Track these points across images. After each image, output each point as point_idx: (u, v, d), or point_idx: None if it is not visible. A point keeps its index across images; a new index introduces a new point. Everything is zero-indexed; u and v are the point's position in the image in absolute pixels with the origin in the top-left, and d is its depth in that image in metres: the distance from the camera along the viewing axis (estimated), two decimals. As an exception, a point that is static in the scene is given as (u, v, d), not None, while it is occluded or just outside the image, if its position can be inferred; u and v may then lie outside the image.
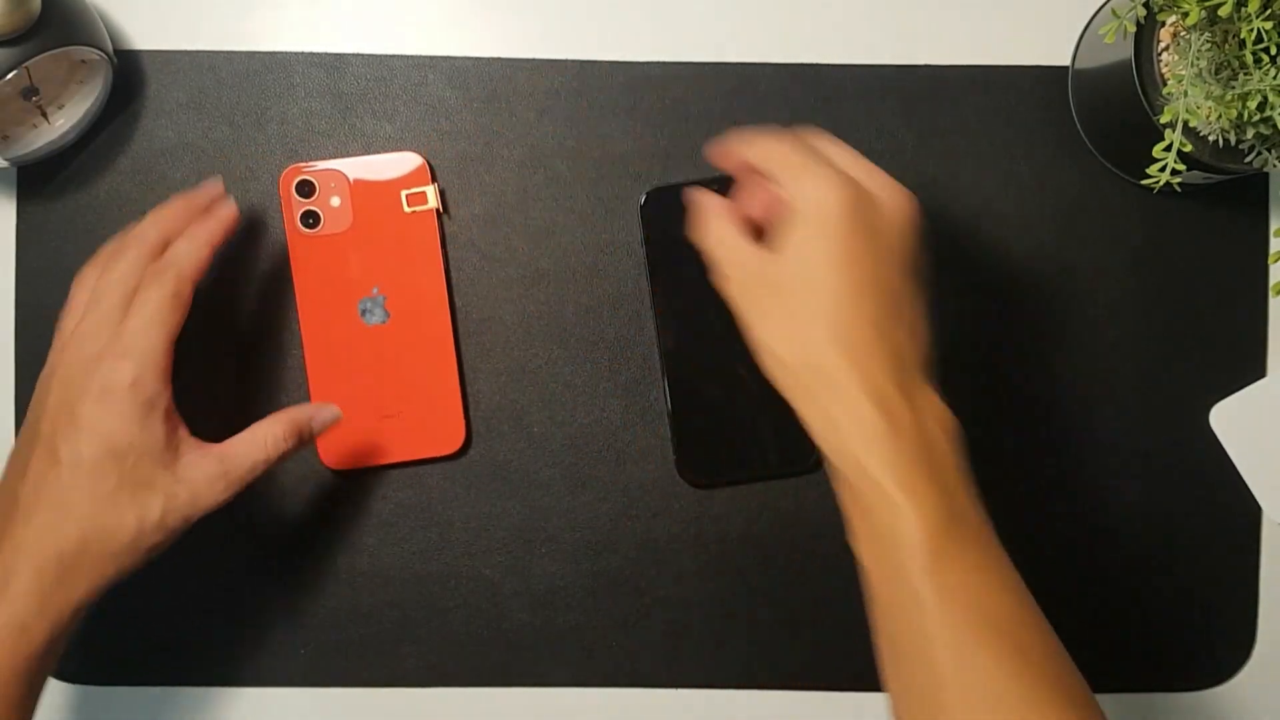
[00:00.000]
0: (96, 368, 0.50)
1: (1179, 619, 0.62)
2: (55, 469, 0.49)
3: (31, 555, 0.48)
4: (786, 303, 0.47)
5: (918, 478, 0.45)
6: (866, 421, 0.45)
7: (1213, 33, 0.51)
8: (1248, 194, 0.61)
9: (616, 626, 0.62)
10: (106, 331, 0.51)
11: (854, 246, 0.47)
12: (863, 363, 0.46)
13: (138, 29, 0.61)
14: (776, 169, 0.48)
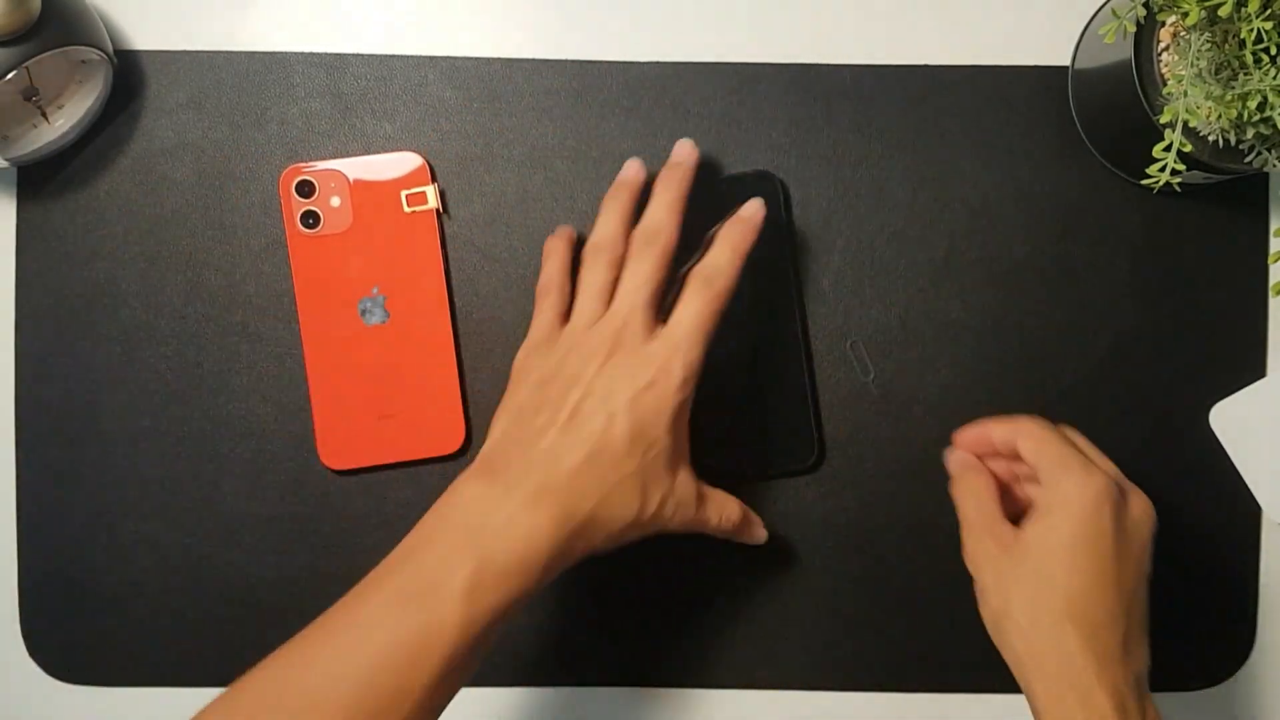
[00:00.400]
0: (648, 357, 0.52)
1: (1179, 619, 0.62)
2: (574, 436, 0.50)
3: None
4: (1035, 574, 0.50)
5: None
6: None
7: (1213, 33, 0.51)
8: (1248, 194, 0.61)
9: (615, 626, 0.62)
10: (638, 319, 0.52)
11: (1106, 541, 0.50)
12: (1104, 659, 0.48)
13: (138, 29, 0.61)
14: (1043, 460, 0.52)
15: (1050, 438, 0.52)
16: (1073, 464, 0.51)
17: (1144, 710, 0.49)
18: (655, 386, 0.51)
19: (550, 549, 0.48)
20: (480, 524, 0.48)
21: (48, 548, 0.62)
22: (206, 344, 0.61)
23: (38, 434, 0.61)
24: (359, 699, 0.45)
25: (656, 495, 0.51)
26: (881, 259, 0.61)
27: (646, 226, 0.55)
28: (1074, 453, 0.52)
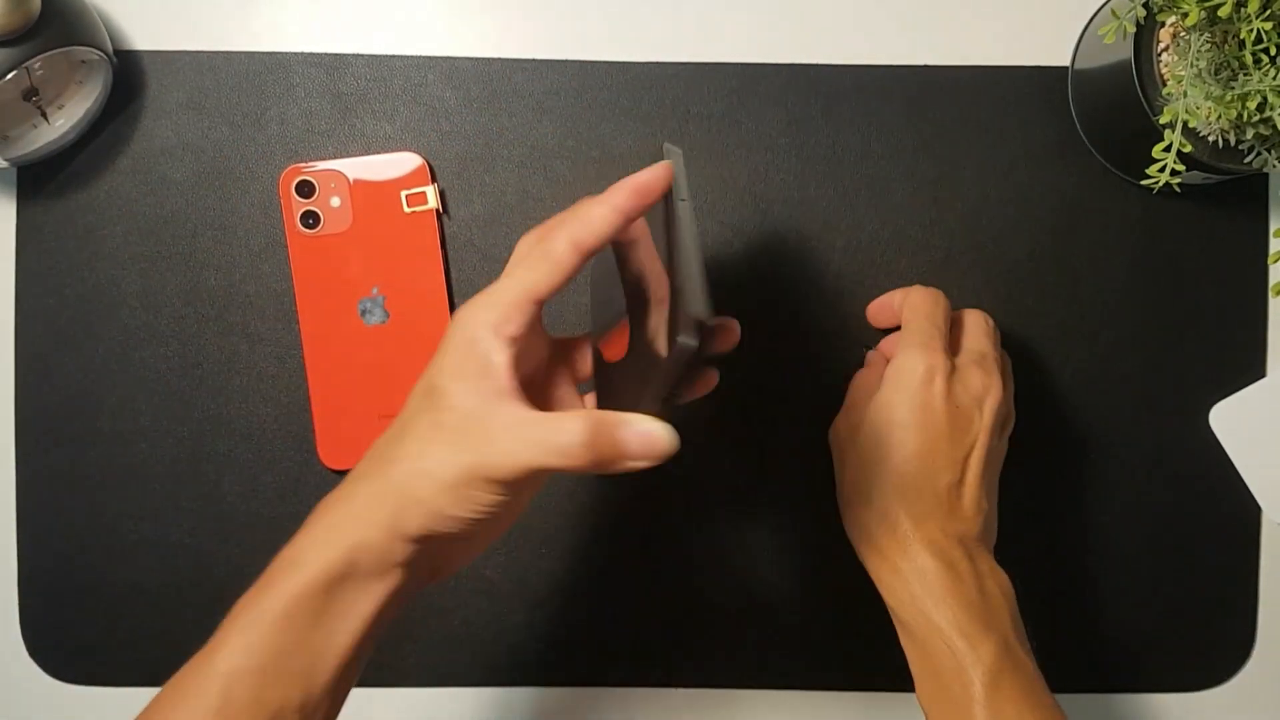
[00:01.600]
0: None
1: (1179, 619, 0.62)
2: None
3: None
4: (861, 456, 0.53)
5: (976, 627, 0.49)
6: (930, 573, 0.50)
7: (1212, 33, 0.51)
8: (1247, 194, 0.61)
9: (615, 627, 0.62)
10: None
11: (932, 414, 0.52)
12: (921, 517, 0.51)
13: (137, 29, 0.61)
14: (902, 335, 0.55)
15: (920, 312, 0.54)
16: (913, 340, 0.53)
17: (973, 561, 0.50)
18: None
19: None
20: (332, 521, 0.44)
21: (47, 548, 0.62)
22: (206, 344, 0.61)
23: (37, 434, 0.61)
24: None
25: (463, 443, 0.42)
26: (881, 259, 0.61)
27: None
28: (924, 329, 0.54)
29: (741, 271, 0.61)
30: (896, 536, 0.51)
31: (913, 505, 0.51)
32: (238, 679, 0.42)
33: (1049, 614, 0.61)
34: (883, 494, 0.52)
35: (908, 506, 0.51)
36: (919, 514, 0.51)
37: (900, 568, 0.51)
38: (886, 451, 0.52)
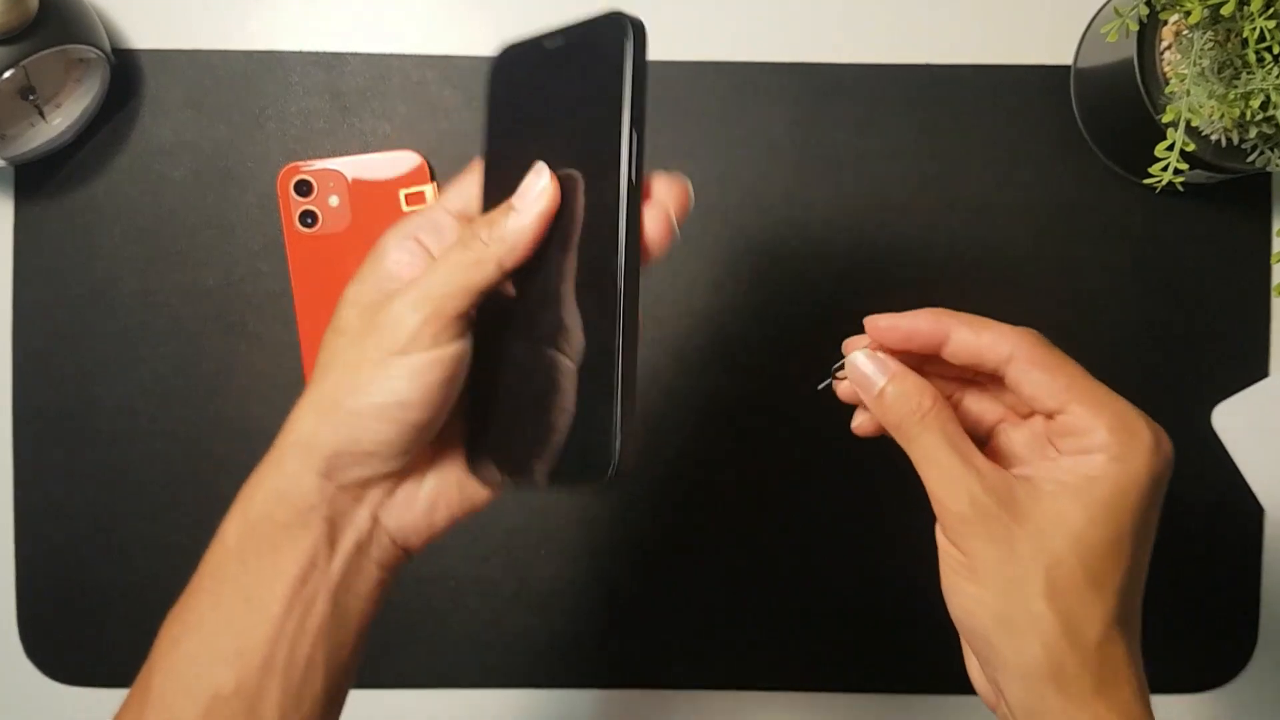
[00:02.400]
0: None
1: (1180, 620, 0.62)
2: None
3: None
4: (1020, 543, 0.38)
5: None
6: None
7: (1215, 31, 0.51)
8: (1250, 193, 0.61)
9: (615, 627, 0.62)
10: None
11: (1150, 528, 0.40)
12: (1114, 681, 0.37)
13: (136, 28, 0.61)
14: (1071, 400, 0.41)
15: (1065, 367, 0.41)
16: (1132, 419, 0.41)
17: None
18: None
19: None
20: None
21: (45, 549, 0.61)
22: (204, 344, 0.61)
23: (35, 434, 0.61)
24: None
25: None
26: (883, 258, 0.61)
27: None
28: (1123, 401, 0.42)
29: (742, 271, 0.61)
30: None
31: (1076, 624, 0.38)
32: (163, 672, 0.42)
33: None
34: (1035, 594, 0.38)
35: (1067, 623, 0.37)
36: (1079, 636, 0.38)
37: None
38: (1101, 583, 0.38)
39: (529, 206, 0.38)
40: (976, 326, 0.41)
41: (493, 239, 0.38)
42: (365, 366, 0.38)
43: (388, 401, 0.38)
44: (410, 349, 0.38)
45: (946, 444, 0.39)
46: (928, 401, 0.40)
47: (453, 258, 0.38)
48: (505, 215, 0.39)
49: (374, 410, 0.38)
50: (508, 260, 0.38)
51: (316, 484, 0.39)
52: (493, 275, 0.38)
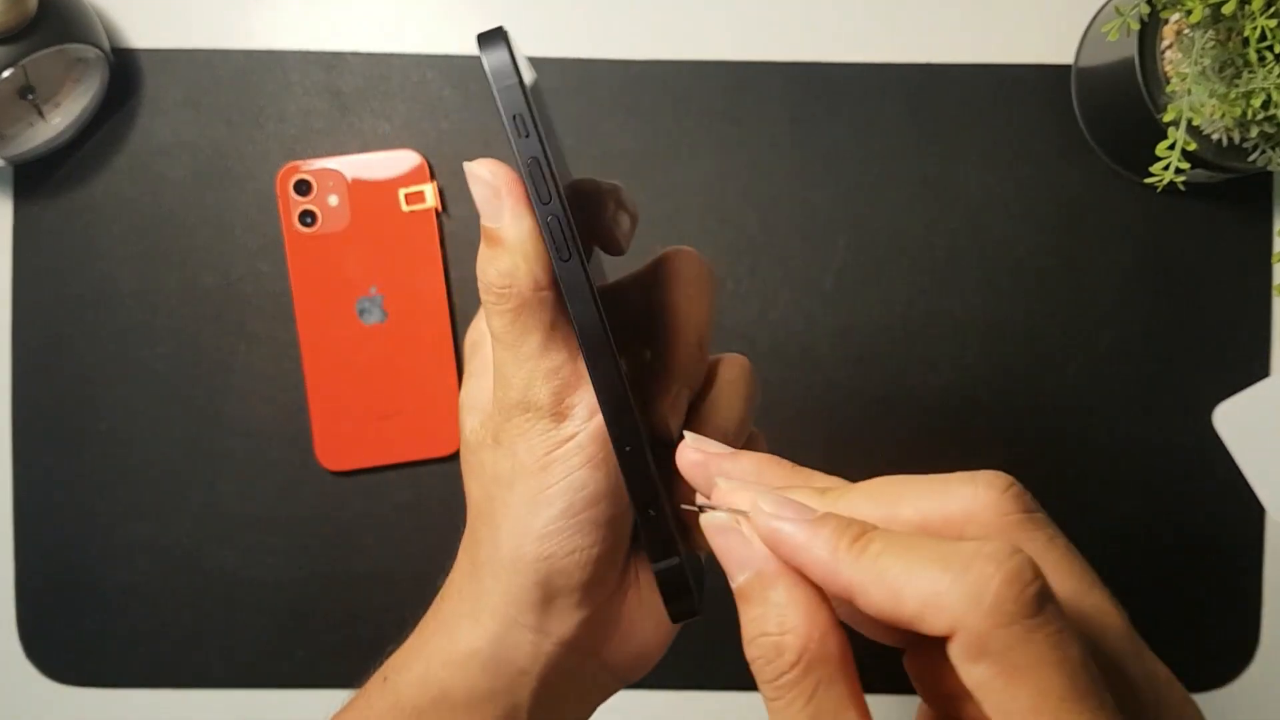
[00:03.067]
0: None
1: (1182, 620, 0.61)
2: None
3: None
4: None
5: None
6: None
7: (1216, 30, 0.51)
8: (1252, 193, 0.61)
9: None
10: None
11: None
12: None
13: (135, 27, 0.61)
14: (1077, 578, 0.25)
15: (1039, 671, 0.22)
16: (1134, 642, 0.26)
17: None
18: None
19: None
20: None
21: (44, 549, 0.61)
22: (203, 343, 0.61)
23: (34, 434, 0.61)
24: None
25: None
26: (883, 258, 0.61)
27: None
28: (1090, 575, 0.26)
29: (742, 271, 0.61)
30: None
31: None
32: None
33: (1051, 615, 0.61)
34: None
35: None
36: None
37: None
38: None
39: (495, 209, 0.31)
40: (897, 573, 0.23)
41: (499, 270, 0.31)
42: (527, 475, 0.31)
43: (574, 504, 0.31)
44: (565, 428, 0.31)
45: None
46: (790, 655, 0.24)
47: (494, 320, 0.31)
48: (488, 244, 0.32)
49: (566, 521, 0.31)
50: (514, 284, 0.31)
51: (530, 641, 0.32)
52: (513, 312, 0.31)
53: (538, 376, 0.31)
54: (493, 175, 0.31)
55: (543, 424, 0.31)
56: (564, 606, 0.32)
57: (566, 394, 0.31)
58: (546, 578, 0.32)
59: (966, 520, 0.25)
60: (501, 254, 0.31)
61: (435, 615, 0.34)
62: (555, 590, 0.32)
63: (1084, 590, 0.25)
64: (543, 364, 0.31)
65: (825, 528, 0.24)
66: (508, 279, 0.31)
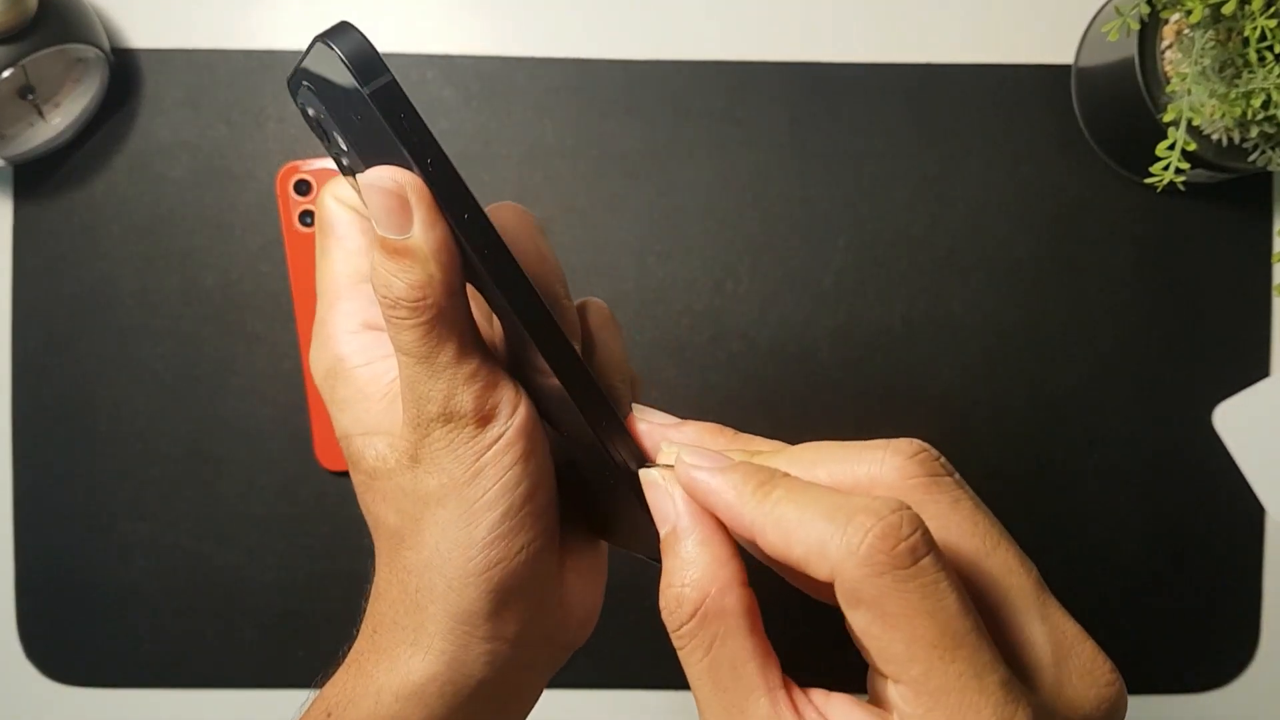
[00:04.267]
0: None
1: (1182, 620, 0.61)
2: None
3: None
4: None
5: None
6: None
7: (1216, 30, 0.51)
8: (1252, 193, 0.61)
9: (613, 628, 0.61)
10: None
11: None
12: None
13: (135, 27, 0.61)
14: (911, 670, 0.24)
15: (915, 619, 0.24)
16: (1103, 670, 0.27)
17: None
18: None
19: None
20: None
21: (44, 549, 0.61)
22: (203, 343, 0.61)
23: (34, 434, 0.61)
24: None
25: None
26: (883, 258, 0.61)
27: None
28: (981, 689, 0.24)
29: (742, 271, 0.61)
30: None
31: None
32: None
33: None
34: None
35: None
36: None
37: None
38: None
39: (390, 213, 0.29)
40: (792, 519, 0.25)
41: (397, 271, 0.29)
42: (457, 488, 0.31)
43: (513, 504, 0.31)
44: (496, 427, 0.31)
45: (709, 683, 0.27)
46: (688, 607, 0.27)
47: (402, 334, 0.30)
48: (377, 250, 0.30)
49: (508, 523, 0.31)
50: (427, 297, 0.29)
51: (487, 651, 0.32)
52: (426, 325, 0.30)
53: (458, 384, 0.30)
54: (397, 184, 0.29)
55: (468, 431, 0.30)
56: (517, 607, 0.32)
57: (487, 395, 0.30)
58: (499, 584, 0.31)
59: (872, 484, 0.27)
60: (412, 265, 0.29)
61: (373, 647, 0.33)
62: (508, 594, 0.31)
63: (987, 549, 0.26)
64: (462, 370, 0.30)
65: (735, 473, 0.27)
66: (421, 291, 0.29)
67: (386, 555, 0.32)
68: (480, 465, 0.30)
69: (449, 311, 0.30)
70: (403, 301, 0.29)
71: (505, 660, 0.32)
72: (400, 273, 0.29)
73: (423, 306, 0.29)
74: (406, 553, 0.32)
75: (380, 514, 0.32)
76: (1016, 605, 0.26)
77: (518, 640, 0.32)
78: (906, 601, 0.23)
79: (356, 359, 0.33)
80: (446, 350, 0.30)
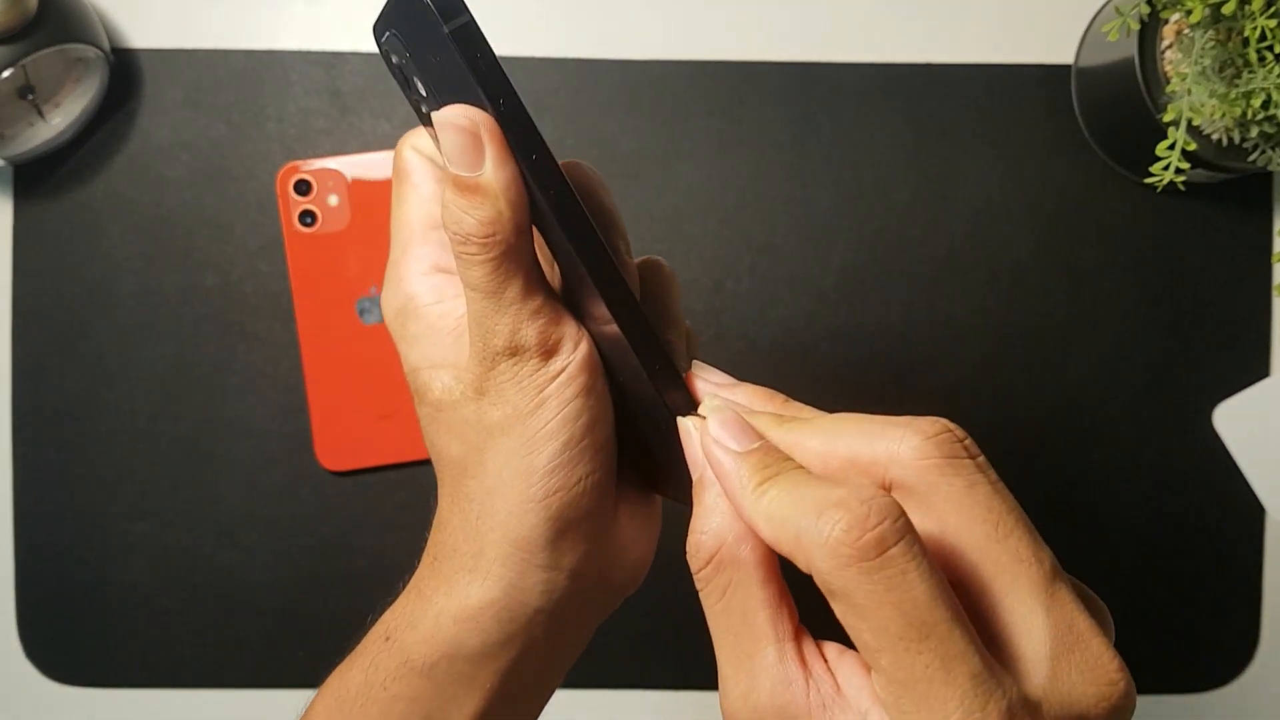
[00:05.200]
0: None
1: (1182, 620, 0.61)
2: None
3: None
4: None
5: None
6: None
7: (1216, 30, 0.51)
8: (1252, 193, 0.61)
9: (613, 628, 0.61)
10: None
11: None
12: None
13: (135, 27, 0.61)
14: (880, 657, 0.25)
15: (881, 609, 0.24)
16: (1087, 632, 0.26)
17: None
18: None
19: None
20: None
21: (44, 549, 0.61)
22: (203, 343, 0.61)
23: (34, 434, 0.61)
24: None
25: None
26: (883, 258, 0.61)
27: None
28: (949, 683, 0.24)
29: (742, 271, 0.61)
30: None
31: None
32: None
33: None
34: None
35: None
36: None
37: None
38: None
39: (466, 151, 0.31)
40: (781, 511, 0.26)
41: (471, 209, 0.30)
42: (520, 419, 0.31)
43: (574, 435, 0.31)
44: (556, 361, 0.32)
45: (724, 626, 0.29)
46: (704, 553, 0.29)
47: (472, 271, 0.31)
48: (449, 188, 0.31)
49: (568, 453, 0.32)
50: (497, 233, 0.30)
51: (544, 580, 0.33)
52: (496, 261, 0.31)
53: (524, 319, 0.31)
54: (470, 121, 0.30)
55: (532, 364, 0.31)
56: (574, 538, 0.32)
57: (551, 330, 0.31)
58: (558, 512, 0.32)
59: (890, 462, 0.27)
60: (483, 202, 0.30)
61: (434, 573, 0.34)
62: (566, 524, 0.32)
63: (999, 536, 0.26)
64: (527, 306, 0.31)
65: (743, 464, 0.28)
66: (491, 227, 0.30)
67: (450, 485, 0.34)
68: (543, 397, 0.31)
69: (516, 249, 0.30)
70: (473, 237, 0.30)
71: (561, 591, 0.33)
72: (471, 209, 0.30)
73: (492, 243, 0.30)
74: (469, 482, 0.33)
75: (444, 445, 0.33)
76: (1021, 594, 0.26)
77: (574, 572, 0.33)
78: (872, 593, 0.24)
79: (427, 298, 0.34)
80: (513, 286, 0.31)
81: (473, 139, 0.30)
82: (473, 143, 0.30)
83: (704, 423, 0.29)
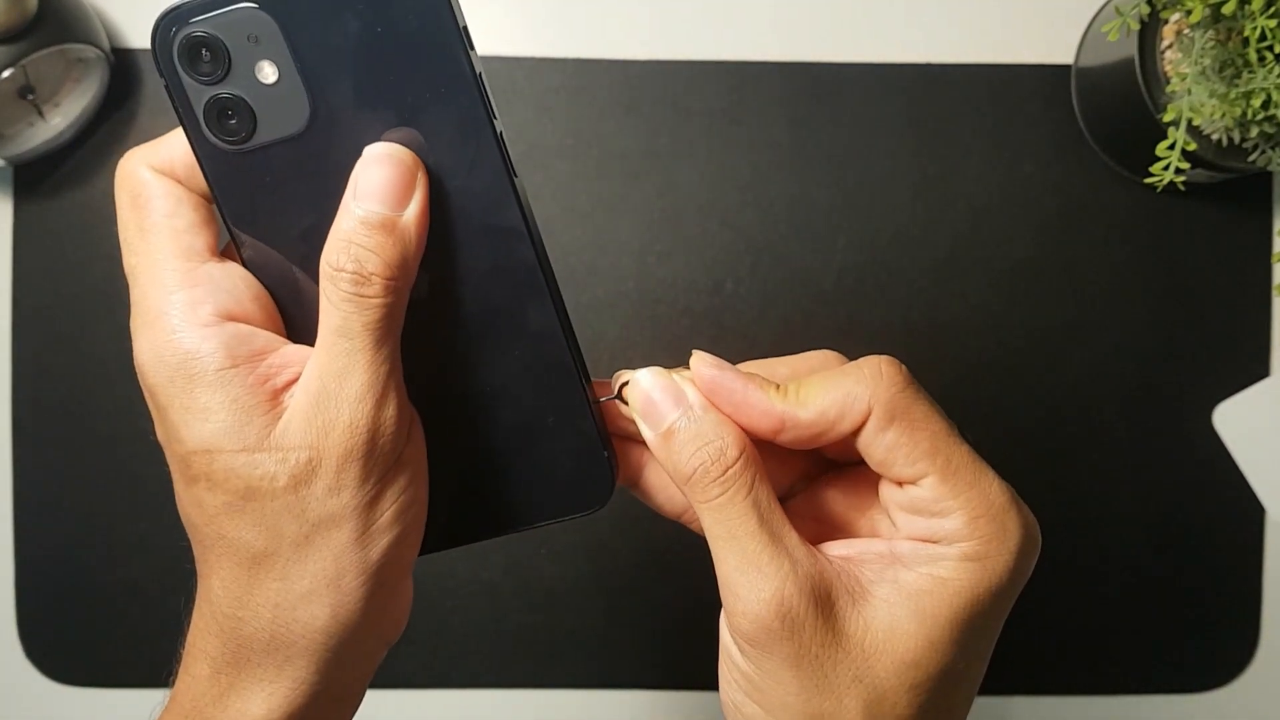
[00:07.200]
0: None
1: (1182, 620, 0.61)
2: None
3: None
4: (833, 668, 0.29)
5: None
6: None
7: (1216, 30, 0.51)
8: (1252, 193, 0.61)
9: (615, 628, 0.61)
10: None
11: (989, 644, 0.31)
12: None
13: (135, 27, 0.61)
14: (932, 465, 0.30)
15: (929, 423, 0.30)
16: (1001, 507, 0.30)
17: None
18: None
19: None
20: None
21: (45, 549, 0.61)
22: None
23: (34, 434, 0.61)
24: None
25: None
26: (883, 258, 0.61)
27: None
28: (993, 478, 0.30)
29: (742, 271, 0.61)
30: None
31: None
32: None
33: (1051, 615, 0.61)
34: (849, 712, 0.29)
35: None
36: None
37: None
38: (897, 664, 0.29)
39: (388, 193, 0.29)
40: (816, 396, 0.30)
41: (363, 260, 0.28)
42: (361, 510, 0.29)
43: (407, 527, 0.30)
44: (396, 445, 0.29)
45: (754, 518, 0.30)
46: (733, 452, 0.30)
47: (331, 318, 0.28)
48: (360, 223, 0.28)
49: (399, 546, 0.30)
50: (400, 278, 0.28)
51: (353, 667, 0.32)
52: (389, 307, 0.28)
53: (392, 386, 0.29)
54: (413, 159, 0.28)
55: (399, 439, 0.30)
56: (390, 610, 0.32)
57: (408, 407, 0.30)
58: (380, 602, 0.31)
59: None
60: (394, 244, 0.28)
61: (235, 666, 0.31)
62: (383, 607, 0.31)
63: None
64: (396, 372, 0.29)
65: (755, 380, 0.31)
66: (398, 270, 0.28)
67: (240, 575, 0.29)
68: (396, 480, 0.29)
69: (405, 297, 0.29)
70: (377, 276, 0.28)
71: (366, 663, 0.33)
72: (382, 249, 0.28)
73: (392, 287, 0.28)
74: (272, 584, 0.29)
75: (241, 537, 0.29)
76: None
77: (386, 643, 0.33)
78: (921, 409, 0.30)
79: (220, 359, 0.28)
80: (392, 341, 0.29)
81: (409, 176, 0.28)
82: (407, 181, 0.28)
83: (698, 360, 0.31)
